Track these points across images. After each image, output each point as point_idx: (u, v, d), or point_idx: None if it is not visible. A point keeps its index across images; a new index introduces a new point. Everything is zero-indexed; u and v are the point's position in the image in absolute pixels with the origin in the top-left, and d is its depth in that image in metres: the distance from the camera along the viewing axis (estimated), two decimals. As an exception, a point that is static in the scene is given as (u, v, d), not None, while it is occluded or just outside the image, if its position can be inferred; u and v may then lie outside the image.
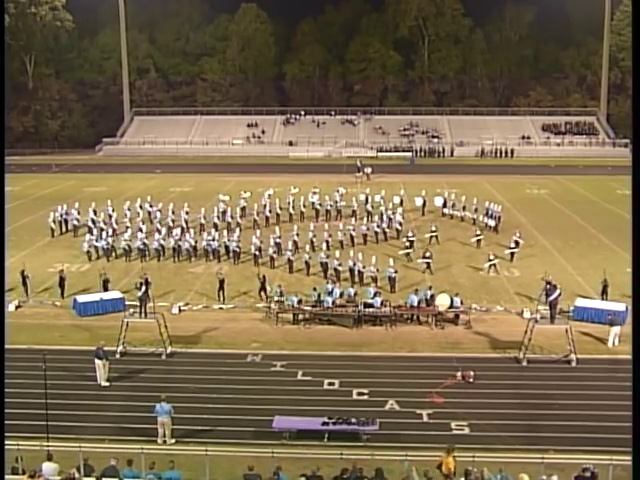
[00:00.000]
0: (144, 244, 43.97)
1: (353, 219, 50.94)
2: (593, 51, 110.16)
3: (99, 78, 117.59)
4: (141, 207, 52.66)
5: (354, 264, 38.74)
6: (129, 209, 51.83)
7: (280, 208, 53.02)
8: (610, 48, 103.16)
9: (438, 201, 55.75)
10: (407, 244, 43.30)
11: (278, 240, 43.44)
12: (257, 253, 42.15)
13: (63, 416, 23.34)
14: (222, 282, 36.44)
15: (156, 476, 18.12)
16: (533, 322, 29.23)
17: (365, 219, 49.83)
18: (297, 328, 32.86)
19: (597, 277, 39.06)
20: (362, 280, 38.07)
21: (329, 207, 53.54)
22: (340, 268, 38.91)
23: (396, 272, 37.75)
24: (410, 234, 44.48)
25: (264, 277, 36.48)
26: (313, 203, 54.10)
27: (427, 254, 40.97)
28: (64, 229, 50.59)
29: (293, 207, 53.33)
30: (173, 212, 50.57)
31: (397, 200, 54.57)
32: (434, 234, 46.63)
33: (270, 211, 52.35)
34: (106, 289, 36.59)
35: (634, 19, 17.43)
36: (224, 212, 51.33)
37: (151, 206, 52.85)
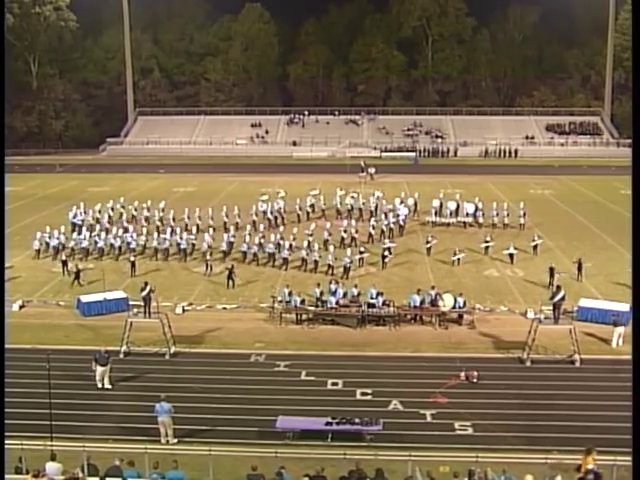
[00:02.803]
0: (134, 243, 44.71)
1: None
2: (597, 51, 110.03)
3: (103, 78, 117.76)
4: (113, 208, 52.49)
5: (307, 254, 41.20)
6: (100, 211, 51.83)
7: (298, 207, 53.73)
8: (614, 48, 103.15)
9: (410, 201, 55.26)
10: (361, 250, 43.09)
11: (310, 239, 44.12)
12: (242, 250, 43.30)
13: (67, 416, 23.35)
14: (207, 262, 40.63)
15: (160, 476, 18.09)
16: (537, 322, 29.20)
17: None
18: (300, 328, 32.85)
19: (601, 277, 39.23)
20: (316, 268, 40.37)
21: (363, 207, 54.39)
22: (290, 258, 41.69)
23: (351, 262, 39.69)
24: (387, 241, 44.54)
25: (232, 266, 38.73)
26: (352, 205, 54.87)
27: (385, 252, 42.01)
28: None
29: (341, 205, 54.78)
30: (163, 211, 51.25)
31: (411, 202, 54.59)
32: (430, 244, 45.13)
33: (313, 210, 54.04)
34: (77, 278, 38.32)
35: (634, 19, 17.40)
36: (264, 212, 51.79)
37: (122, 207, 52.96)
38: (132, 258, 41.50)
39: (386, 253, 42.12)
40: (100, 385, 26.35)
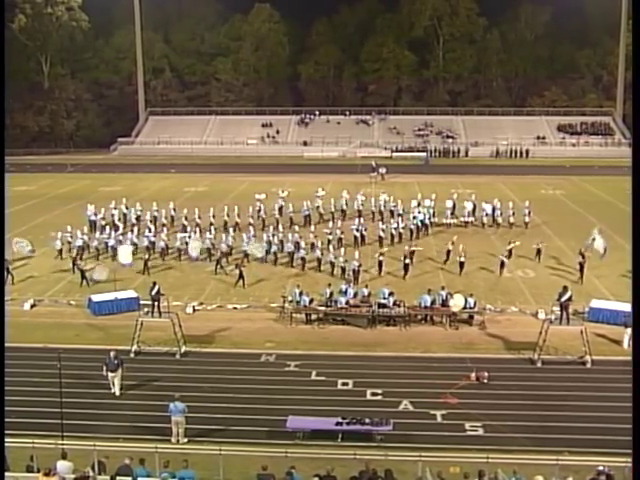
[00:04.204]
0: (152, 243, 44.56)
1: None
2: (609, 51, 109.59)
3: (114, 78, 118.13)
4: (116, 208, 52.59)
5: (322, 254, 41.17)
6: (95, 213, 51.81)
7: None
8: (627, 47, 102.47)
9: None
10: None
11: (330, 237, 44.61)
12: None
13: (78, 415, 23.41)
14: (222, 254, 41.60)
15: (170, 475, 18.15)
16: (548, 323, 29.14)
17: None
18: (311, 328, 32.86)
19: (613, 278, 39.02)
20: (333, 271, 39.90)
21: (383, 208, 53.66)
22: (307, 257, 41.73)
23: (360, 266, 38.58)
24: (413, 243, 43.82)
25: (242, 269, 38.76)
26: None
27: (407, 260, 40.16)
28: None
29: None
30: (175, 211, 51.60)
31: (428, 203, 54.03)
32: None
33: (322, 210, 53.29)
34: (84, 278, 38.64)
35: (634, 19, 17.28)
36: (259, 210, 51.88)
37: (125, 208, 52.85)
38: (146, 257, 41.71)
39: (407, 261, 40.16)
40: (113, 390, 26.10)
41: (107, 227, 47.67)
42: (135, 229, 47.95)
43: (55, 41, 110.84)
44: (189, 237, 44.64)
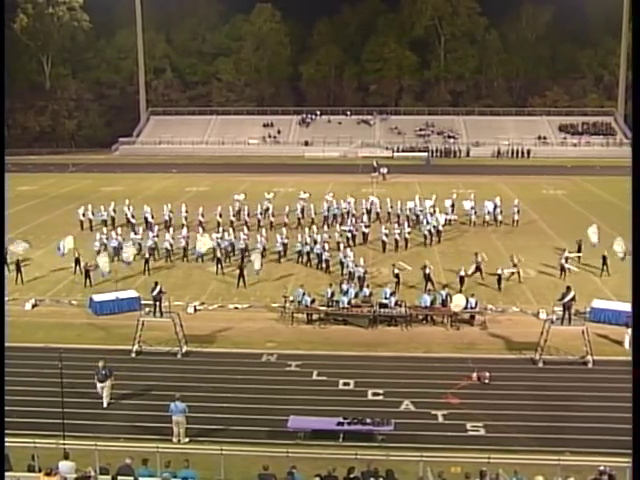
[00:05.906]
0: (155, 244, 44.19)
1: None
2: (611, 51, 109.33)
3: (116, 78, 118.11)
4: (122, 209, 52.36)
5: (344, 256, 40.02)
6: (114, 210, 51.63)
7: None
8: (628, 47, 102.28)
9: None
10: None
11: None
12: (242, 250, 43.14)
13: (79, 414, 23.41)
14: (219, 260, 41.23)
15: (171, 475, 18.15)
16: (549, 323, 29.13)
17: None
18: (312, 328, 32.86)
19: (614, 278, 38.97)
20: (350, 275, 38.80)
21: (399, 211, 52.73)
22: (330, 259, 41.32)
23: (366, 272, 37.87)
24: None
25: (242, 268, 38.71)
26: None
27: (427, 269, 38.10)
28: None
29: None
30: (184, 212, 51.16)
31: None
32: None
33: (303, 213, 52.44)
34: (88, 277, 38.41)
35: (634, 19, 17.22)
36: (239, 211, 51.69)
37: (128, 209, 52.37)
38: (147, 256, 41.71)
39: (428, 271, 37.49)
40: (105, 402, 25.25)
41: (140, 228, 47.40)
42: (140, 229, 47.74)
43: (56, 41, 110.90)
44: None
